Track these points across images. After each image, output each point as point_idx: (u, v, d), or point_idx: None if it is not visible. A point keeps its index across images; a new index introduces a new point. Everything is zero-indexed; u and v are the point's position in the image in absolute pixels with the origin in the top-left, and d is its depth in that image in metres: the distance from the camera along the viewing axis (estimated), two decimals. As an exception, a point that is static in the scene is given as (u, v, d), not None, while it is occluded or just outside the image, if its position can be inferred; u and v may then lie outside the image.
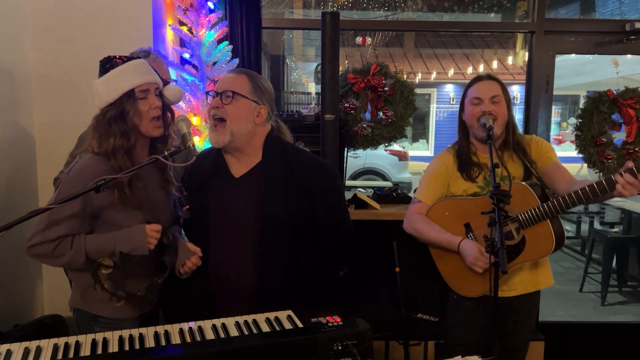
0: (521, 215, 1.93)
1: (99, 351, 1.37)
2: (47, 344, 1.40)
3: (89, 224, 1.66)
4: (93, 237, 1.64)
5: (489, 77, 2.08)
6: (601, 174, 3.39)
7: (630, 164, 1.72)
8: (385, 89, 3.31)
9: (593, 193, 1.77)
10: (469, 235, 2.03)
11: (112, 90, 1.63)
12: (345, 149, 3.22)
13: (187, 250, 1.76)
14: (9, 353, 1.35)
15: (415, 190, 2.26)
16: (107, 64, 1.68)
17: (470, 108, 2.03)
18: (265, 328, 1.50)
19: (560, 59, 3.43)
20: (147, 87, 1.67)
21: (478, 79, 2.08)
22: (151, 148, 1.75)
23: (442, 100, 14.28)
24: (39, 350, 1.37)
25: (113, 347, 1.40)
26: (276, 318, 1.56)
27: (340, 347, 1.40)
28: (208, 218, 1.82)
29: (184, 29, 3.03)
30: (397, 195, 3.21)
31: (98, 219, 1.67)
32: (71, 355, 1.35)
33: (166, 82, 1.87)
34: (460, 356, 1.20)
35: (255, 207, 1.77)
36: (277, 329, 1.49)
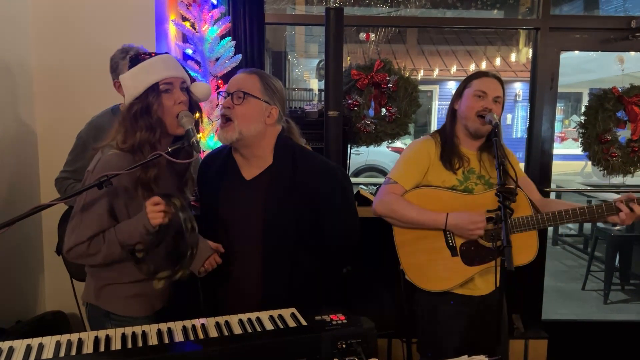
0: (511, 220, 1.90)
1: (102, 349, 1.36)
2: (49, 341, 1.39)
3: (117, 220, 1.65)
4: (120, 225, 1.63)
5: (495, 75, 2.05)
6: (605, 171, 3.38)
7: (632, 195, 1.82)
8: (389, 85, 3.29)
9: (591, 214, 1.85)
10: (447, 233, 1.99)
11: (137, 84, 1.63)
12: (349, 145, 3.20)
13: (207, 248, 1.76)
14: (11, 350, 1.34)
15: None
16: (135, 60, 1.68)
17: (472, 100, 2.00)
18: (269, 326, 1.49)
19: (562, 56, 3.41)
20: (171, 81, 1.65)
21: (484, 74, 2.05)
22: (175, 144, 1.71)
23: (445, 97, 14.25)
24: (41, 347, 1.36)
25: (116, 345, 1.39)
26: (280, 316, 1.54)
27: (344, 346, 1.39)
28: (216, 219, 1.82)
29: (187, 24, 3.02)
30: (400, 192, 3.19)
31: (119, 215, 1.66)
32: (74, 352, 1.34)
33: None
34: (466, 356, 1.19)
35: (263, 210, 1.76)
36: (281, 327, 1.48)
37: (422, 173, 2.02)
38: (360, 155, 8.29)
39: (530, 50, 3.59)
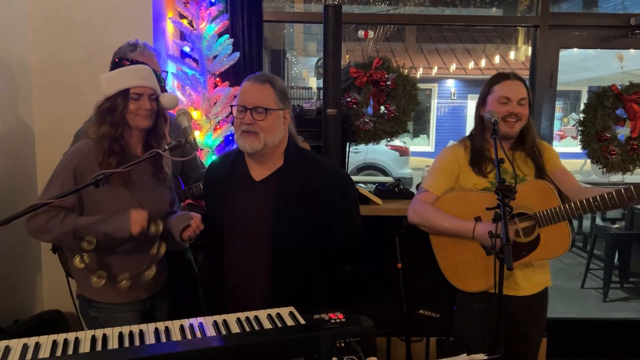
0: (539, 214, 1.90)
1: (99, 347, 1.35)
2: (46, 340, 1.38)
3: (79, 203, 1.79)
4: (83, 217, 1.77)
5: (516, 77, 2.01)
6: (605, 169, 3.38)
7: None
8: (388, 83, 3.28)
9: (620, 199, 1.77)
10: None
11: (111, 85, 1.79)
12: (347, 144, 3.19)
13: (187, 217, 1.80)
14: (7, 350, 1.33)
15: (418, 183, 2.23)
16: (117, 64, 1.87)
17: (496, 107, 1.98)
18: (267, 325, 1.48)
19: (561, 54, 3.40)
20: (142, 92, 1.80)
21: (505, 77, 2.01)
22: (146, 143, 1.87)
23: (443, 95, 14.26)
24: (37, 346, 1.35)
25: (113, 344, 1.38)
26: (278, 314, 1.54)
27: (343, 345, 1.38)
28: (226, 219, 1.83)
29: (185, 22, 3.00)
30: (399, 190, 3.18)
31: (85, 198, 1.79)
32: (70, 352, 1.33)
33: (157, 77, 1.95)
34: (466, 354, 1.18)
35: (271, 210, 1.78)
36: (279, 325, 1.47)
37: (453, 179, 2.07)
38: (359, 154, 8.28)
39: (529, 48, 3.58)
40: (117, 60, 1.90)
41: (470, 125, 2.22)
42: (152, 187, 1.88)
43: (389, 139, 3.43)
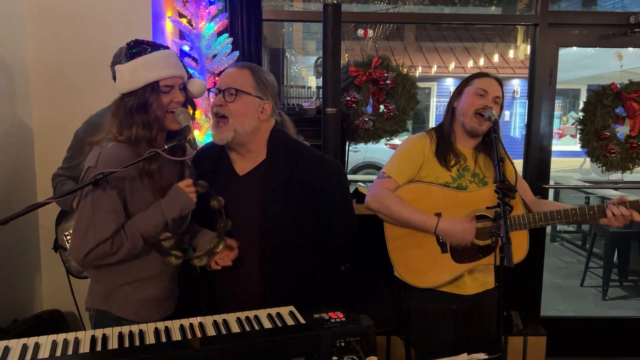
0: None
1: (99, 348, 1.35)
2: (45, 341, 1.38)
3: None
4: (139, 218, 1.60)
5: (496, 77, 2.06)
6: (604, 168, 3.38)
7: (624, 198, 1.82)
8: (387, 82, 3.28)
9: (582, 215, 1.85)
10: None
11: (137, 78, 1.59)
12: (347, 142, 3.19)
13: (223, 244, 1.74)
14: (6, 350, 1.32)
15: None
16: (134, 49, 1.62)
17: (472, 98, 2.00)
18: (267, 324, 1.48)
19: (560, 53, 3.40)
20: (173, 83, 1.64)
21: (486, 74, 2.06)
22: (168, 140, 1.67)
23: (443, 94, 14.23)
24: (37, 346, 1.35)
25: (112, 344, 1.37)
26: (278, 314, 1.54)
27: (343, 344, 1.38)
28: (211, 217, 1.78)
29: (184, 21, 3.00)
30: (398, 189, 3.18)
31: (130, 207, 1.63)
32: (70, 352, 1.33)
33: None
34: (466, 354, 1.18)
35: (259, 205, 1.73)
36: (279, 325, 1.47)
37: (416, 169, 2.03)
38: (358, 153, 8.28)
39: (528, 47, 3.58)
40: (132, 44, 1.64)
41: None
42: None
43: (388, 138, 3.44)
